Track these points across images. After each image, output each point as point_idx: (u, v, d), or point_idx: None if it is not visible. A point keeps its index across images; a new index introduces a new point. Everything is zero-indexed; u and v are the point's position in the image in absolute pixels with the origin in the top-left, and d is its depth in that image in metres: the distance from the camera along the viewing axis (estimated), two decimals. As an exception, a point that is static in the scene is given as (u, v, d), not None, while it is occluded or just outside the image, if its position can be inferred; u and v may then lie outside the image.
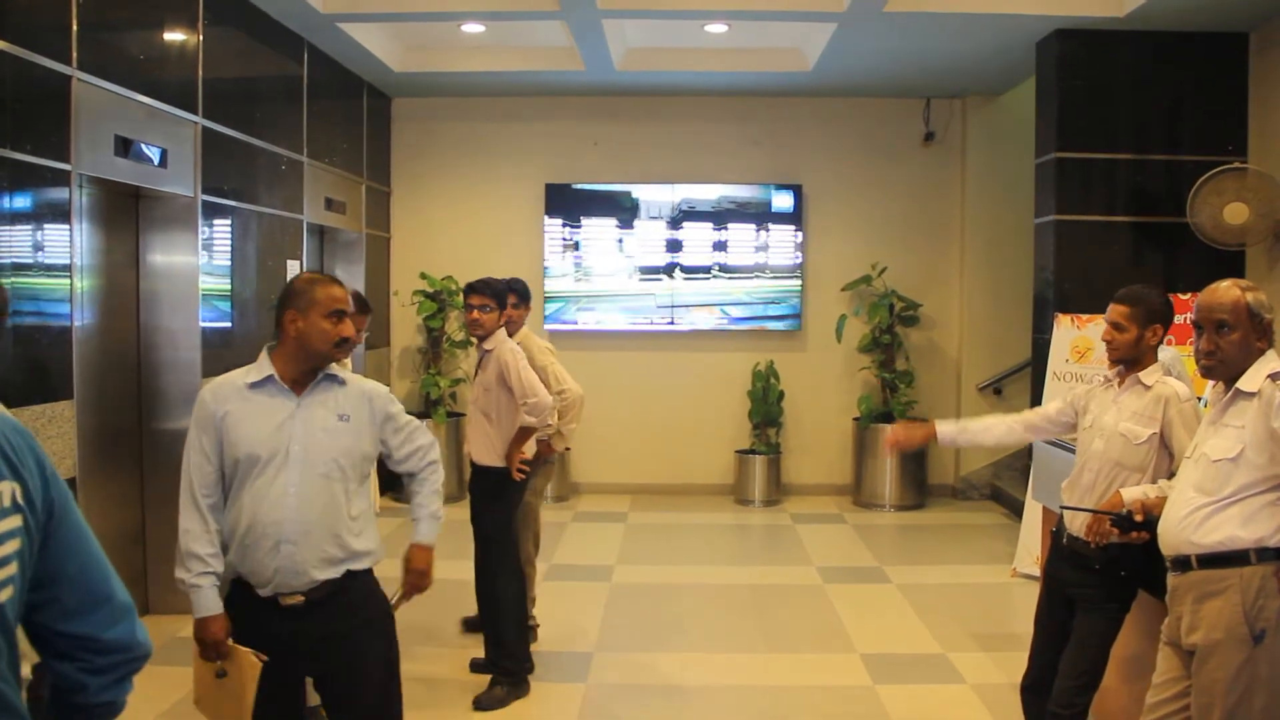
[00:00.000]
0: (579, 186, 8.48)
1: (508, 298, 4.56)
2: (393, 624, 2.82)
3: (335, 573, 2.64)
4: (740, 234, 8.47)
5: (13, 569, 1.43)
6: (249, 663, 2.57)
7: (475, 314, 4.39)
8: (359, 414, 2.72)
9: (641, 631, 5.29)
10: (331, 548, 2.63)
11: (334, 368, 2.75)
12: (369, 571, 2.75)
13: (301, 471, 2.60)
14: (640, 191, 8.47)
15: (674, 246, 8.48)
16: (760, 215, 8.46)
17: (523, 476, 4.42)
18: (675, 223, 8.47)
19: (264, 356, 2.70)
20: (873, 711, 4.22)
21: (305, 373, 2.69)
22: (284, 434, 2.62)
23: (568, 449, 6.35)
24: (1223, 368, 2.66)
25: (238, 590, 2.66)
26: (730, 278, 8.49)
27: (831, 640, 5.08)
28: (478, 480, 4.49)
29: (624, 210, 8.48)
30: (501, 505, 4.45)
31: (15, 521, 1.44)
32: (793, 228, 8.44)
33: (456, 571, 4.81)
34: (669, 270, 8.49)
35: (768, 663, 4.81)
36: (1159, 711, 2.69)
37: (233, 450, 2.60)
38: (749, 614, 5.58)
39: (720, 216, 8.46)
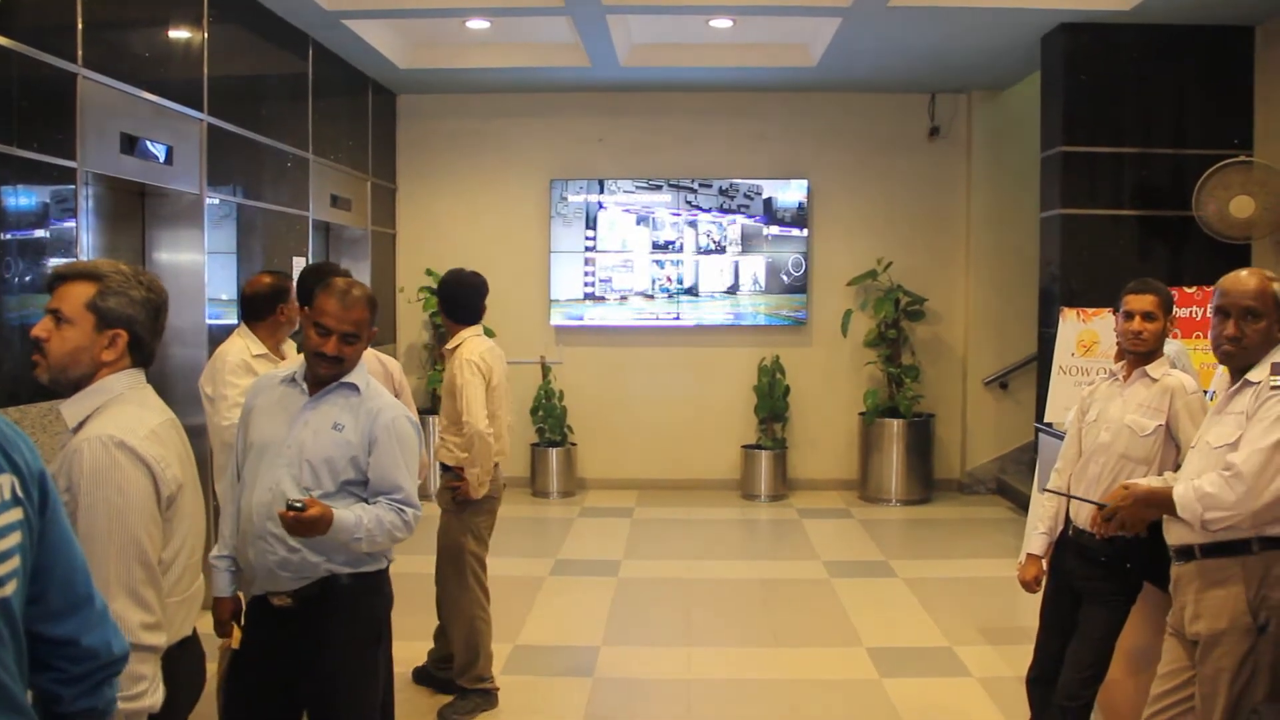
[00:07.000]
0: (584, 182, 8.48)
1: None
2: (375, 652, 2.68)
3: (316, 576, 2.56)
4: (745, 229, 8.46)
5: (15, 563, 1.40)
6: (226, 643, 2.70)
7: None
8: (353, 427, 2.60)
9: (648, 626, 5.30)
10: (313, 555, 2.55)
11: (356, 375, 2.66)
12: (350, 585, 2.59)
13: (285, 469, 2.57)
14: (645, 187, 8.47)
15: (678, 242, 8.48)
16: (765, 210, 8.45)
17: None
18: (680, 218, 8.47)
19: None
20: (879, 705, 4.23)
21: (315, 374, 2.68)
22: (281, 428, 2.62)
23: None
24: (1244, 355, 2.65)
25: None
26: (736, 273, 8.48)
27: (838, 634, 5.08)
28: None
29: (630, 206, 8.48)
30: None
31: (16, 515, 1.42)
32: (798, 223, 8.44)
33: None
34: (674, 266, 8.49)
35: (774, 657, 4.82)
36: (1164, 701, 2.70)
37: (248, 437, 2.69)
38: (755, 608, 5.59)
39: (725, 212, 8.46)
